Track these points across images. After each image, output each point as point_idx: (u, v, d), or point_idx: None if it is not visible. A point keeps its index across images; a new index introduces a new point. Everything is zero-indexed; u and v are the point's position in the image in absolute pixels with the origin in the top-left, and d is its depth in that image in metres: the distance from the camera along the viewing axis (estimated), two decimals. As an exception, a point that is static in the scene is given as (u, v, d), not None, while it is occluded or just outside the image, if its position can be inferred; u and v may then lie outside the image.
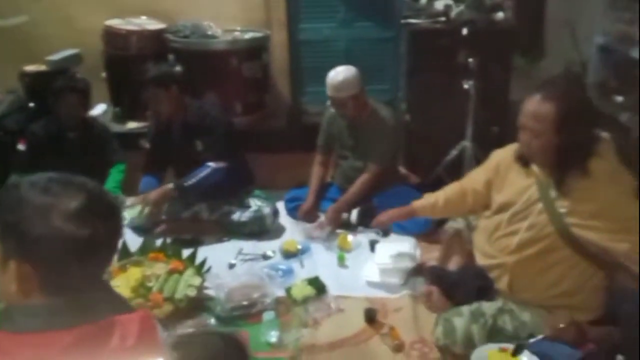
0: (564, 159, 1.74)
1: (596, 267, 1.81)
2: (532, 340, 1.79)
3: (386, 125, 2.80)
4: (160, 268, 2.34)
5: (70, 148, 2.93)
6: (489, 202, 2.09)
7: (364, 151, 2.87)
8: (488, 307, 1.92)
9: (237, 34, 3.65)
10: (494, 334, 1.85)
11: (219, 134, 2.76)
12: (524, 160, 1.92)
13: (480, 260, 2.08)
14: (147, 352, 0.89)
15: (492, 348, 1.78)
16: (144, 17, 3.71)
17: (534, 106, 1.75)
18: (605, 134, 1.85)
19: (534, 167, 1.88)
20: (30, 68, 3.51)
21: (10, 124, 3.34)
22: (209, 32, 3.54)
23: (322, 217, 2.84)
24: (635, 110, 3.45)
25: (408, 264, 2.37)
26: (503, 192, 2.00)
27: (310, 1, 3.76)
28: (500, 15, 3.32)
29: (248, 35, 3.60)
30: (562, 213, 1.77)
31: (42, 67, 3.46)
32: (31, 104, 3.44)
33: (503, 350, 1.76)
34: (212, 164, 2.72)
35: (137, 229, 2.82)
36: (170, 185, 2.75)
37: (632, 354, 1.29)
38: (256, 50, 3.56)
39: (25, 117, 3.38)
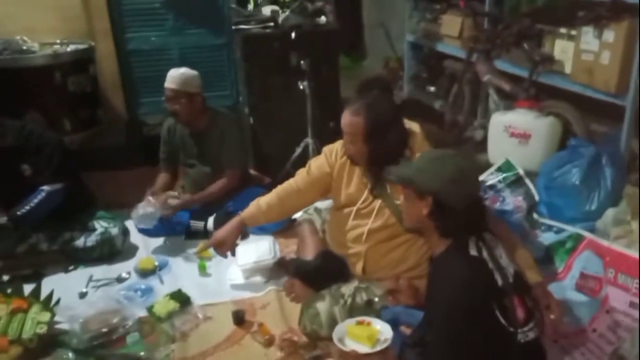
0: (378, 161, 2.02)
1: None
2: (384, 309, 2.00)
3: (231, 128, 2.85)
4: (0, 310, 2.10)
5: None
6: (318, 196, 2.31)
7: (211, 157, 2.87)
8: (346, 287, 2.09)
9: (57, 47, 3.38)
10: (354, 311, 2.03)
11: (48, 153, 2.53)
12: (353, 159, 2.15)
13: (337, 250, 2.26)
14: None
15: (350, 322, 1.94)
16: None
17: (347, 118, 2.05)
18: (415, 125, 2.15)
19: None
20: None
21: None
22: (24, 47, 3.23)
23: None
24: (445, 99, 3.97)
25: (269, 261, 2.44)
26: (344, 189, 2.21)
27: (133, 10, 3.61)
28: (322, 19, 3.58)
29: (70, 48, 3.36)
30: (397, 204, 2.02)
31: None
32: None
33: (360, 322, 1.94)
34: (46, 187, 2.49)
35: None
36: (1, 219, 2.46)
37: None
38: (81, 62, 3.34)
39: None
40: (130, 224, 2.85)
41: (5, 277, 2.40)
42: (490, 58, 3.43)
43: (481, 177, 2.67)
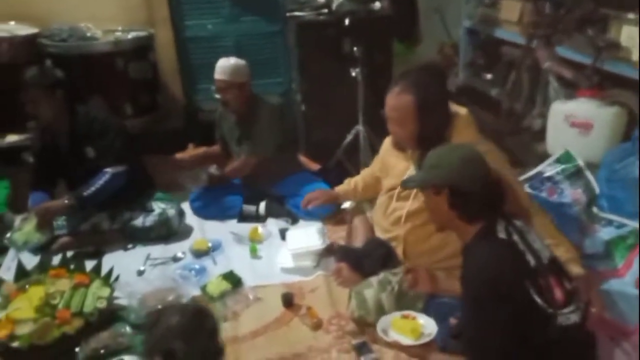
0: (424, 141, 1.95)
1: None
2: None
3: (266, 115, 2.84)
4: (63, 284, 2.22)
5: None
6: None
7: (250, 142, 2.90)
8: (393, 275, 2.09)
9: (118, 34, 3.51)
10: (401, 298, 2.02)
11: (112, 137, 2.64)
12: (398, 145, 2.14)
13: (380, 234, 2.26)
14: None
15: (395, 315, 1.95)
16: (12, 23, 3.44)
17: (393, 99, 1.96)
18: (462, 109, 2.10)
19: (409, 151, 2.10)
20: None
21: None
22: (89, 34, 3.37)
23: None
24: (502, 87, 3.85)
25: (318, 247, 2.47)
26: (388, 177, 2.23)
27: (191, -2, 3.71)
28: (377, 5, 3.53)
29: (131, 35, 3.48)
30: None
31: None
32: None
33: (405, 316, 1.94)
34: (110, 170, 2.61)
35: (33, 248, 2.65)
36: (67, 200, 2.59)
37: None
38: (141, 50, 3.46)
39: None
40: (186, 206, 2.95)
41: (69, 253, 2.53)
42: (551, 44, 3.29)
43: (539, 168, 2.59)
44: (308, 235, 2.53)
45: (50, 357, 1.98)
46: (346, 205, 2.79)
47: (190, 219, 2.94)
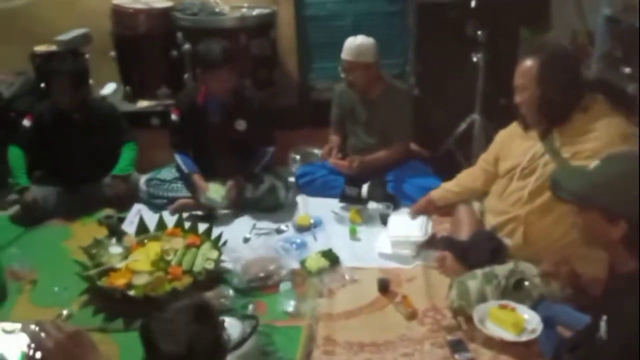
0: (551, 111, 1.91)
1: None
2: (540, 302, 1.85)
3: (405, 100, 2.82)
4: (177, 243, 2.40)
5: (75, 129, 2.91)
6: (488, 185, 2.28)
7: (379, 127, 2.88)
8: (500, 269, 1.99)
9: (244, 10, 3.64)
10: (506, 295, 1.92)
11: (267, 118, 2.84)
12: (525, 124, 2.06)
13: (493, 220, 2.17)
14: None
15: (493, 305, 1.85)
16: (150, -5, 3.70)
17: (521, 65, 1.97)
18: (599, 96, 1.94)
19: (534, 131, 2.03)
20: (41, 49, 3.52)
21: (22, 106, 3.36)
22: (217, 10, 3.53)
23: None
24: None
25: (419, 238, 2.42)
26: (508, 159, 2.14)
27: (315, -24, 3.74)
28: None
29: (256, 12, 3.59)
30: (566, 158, 1.89)
31: (53, 48, 3.48)
32: (42, 85, 3.46)
33: (504, 306, 1.83)
34: (270, 149, 2.85)
35: (154, 206, 2.88)
36: (240, 178, 2.81)
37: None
38: (264, 26, 3.56)
39: (36, 98, 3.40)
40: (293, 181, 3.04)
41: (185, 215, 2.72)
42: None
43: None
44: (410, 224, 2.49)
45: (159, 309, 2.15)
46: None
47: (296, 194, 3.01)
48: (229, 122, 2.80)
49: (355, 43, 2.75)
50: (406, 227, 2.48)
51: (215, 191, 2.78)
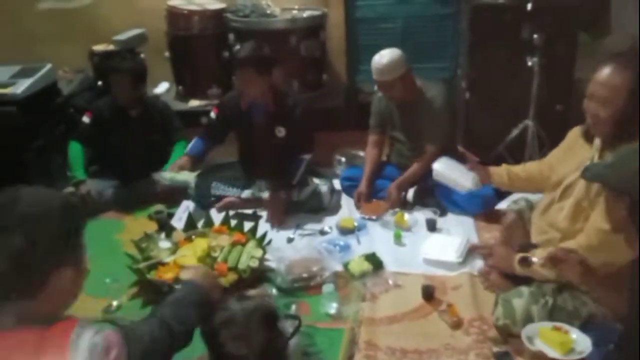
0: (624, 129, 1.75)
1: None
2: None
3: (436, 103, 2.74)
4: (223, 240, 2.44)
5: (132, 125, 3.01)
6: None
7: (416, 132, 2.84)
8: (548, 286, 1.91)
9: (295, 12, 3.68)
10: (554, 314, 1.85)
11: (305, 124, 2.81)
12: (588, 135, 1.92)
13: (534, 237, 2.08)
14: None
15: (545, 325, 1.78)
16: (204, -3, 3.79)
17: (607, 75, 1.77)
18: None
19: (596, 141, 1.88)
20: (99, 47, 3.67)
21: (80, 102, 3.51)
22: (268, 11, 3.58)
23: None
24: None
25: (452, 261, 2.35)
26: (559, 170, 2.02)
27: (367, -22, 3.73)
28: (566, -11, 3.20)
29: (306, 14, 3.62)
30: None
31: (110, 47, 3.61)
32: (99, 83, 3.61)
33: (557, 328, 1.76)
34: (306, 157, 2.81)
35: (202, 203, 2.94)
36: (282, 195, 2.81)
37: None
38: (314, 28, 3.58)
39: (94, 95, 3.55)
40: (337, 184, 3.03)
41: (231, 213, 2.76)
42: None
43: None
44: (446, 246, 2.43)
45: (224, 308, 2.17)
46: (502, 205, 2.62)
47: (340, 196, 3.00)
48: (270, 128, 2.81)
49: (383, 62, 2.66)
50: (442, 247, 2.43)
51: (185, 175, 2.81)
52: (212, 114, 2.93)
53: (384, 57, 2.68)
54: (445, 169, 2.44)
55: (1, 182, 1.17)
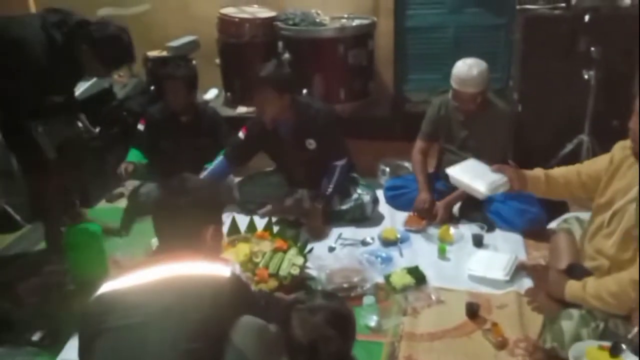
0: None
1: None
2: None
3: (505, 118, 2.66)
4: (266, 246, 2.44)
5: (183, 131, 3.07)
6: (593, 191, 1.99)
7: (476, 145, 2.74)
8: (599, 311, 1.82)
9: (344, 21, 3.69)
10: (605, 338, 1.76)
11: (333, 132, 2.77)
12: (637, 153, 1.81)
13: (585, 261, 1.99)
14: None
15: (591, 344, 1.70)
16: (255, 6, 3.86)
17: None
18: None
19: None
20: (153, 53, 3.78)
21: (133, 106, 3.62)
22: (317, 20, 3.60)
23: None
24: None
25: (499, 279, 2.27)
26: (608, 189, 1.91)
27: (418, -13, 3.70)
28: (626, 1, 3.07)
29: (355, 23, 3.62)
30: None
31: (164, 53, 3.72)
32: (152, 88, 3.72)
33: (603, 348, 1.68)
34: (338, 163, 2.77)
35: (245, 209, 2.96)
36: (319, 205, 2.79)
37: None
38: (362, 37, 3.57)
39: (147, 100, 3.66)
40: (380, 194, 3.00)
41: (274, 219, 2.77)
42: None
43: None
44: (492, 263, 2.35)
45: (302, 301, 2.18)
46: (552, 224, 2.52)
47: (383, 206, 2.97)
48: (300, 142, 2.78)
49: (473, 74, 2.53)
50: (488, 264, 2.35)
51: None
52: (241, 134, 2.92)
53: (474, 68, 2.54)
54: (458, 173, 2.29)
55: (60, 181, 1.24)
